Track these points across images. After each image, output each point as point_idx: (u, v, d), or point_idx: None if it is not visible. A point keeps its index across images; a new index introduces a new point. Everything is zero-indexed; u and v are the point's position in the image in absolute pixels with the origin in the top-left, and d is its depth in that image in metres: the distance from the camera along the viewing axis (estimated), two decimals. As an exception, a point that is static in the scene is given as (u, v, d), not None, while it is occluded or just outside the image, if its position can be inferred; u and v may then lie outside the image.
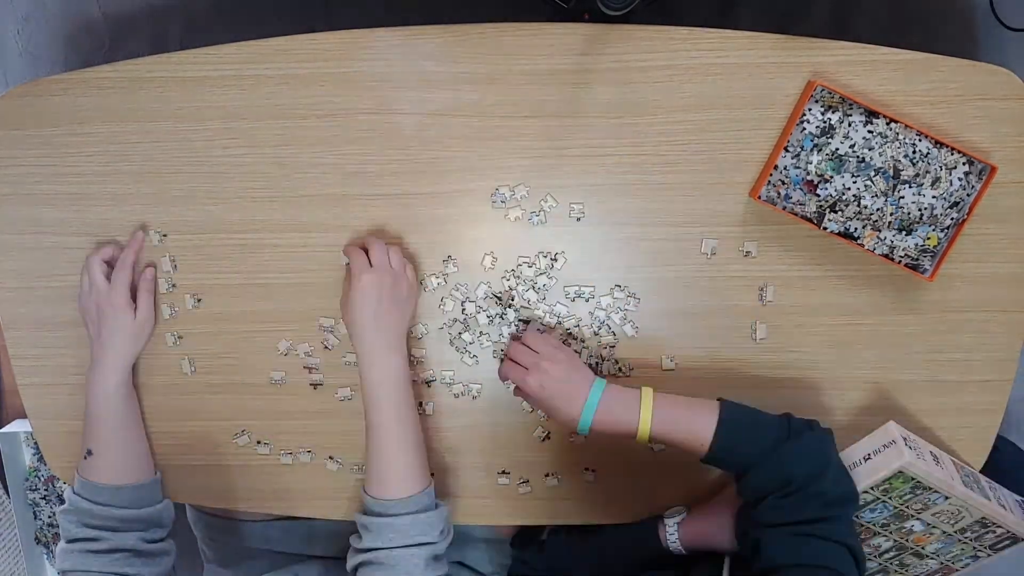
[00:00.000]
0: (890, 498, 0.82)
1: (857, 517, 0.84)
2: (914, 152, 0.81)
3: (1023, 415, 1.33)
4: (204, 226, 0.89)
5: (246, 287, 0.90)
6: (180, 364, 0.93)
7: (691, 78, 0.84)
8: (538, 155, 0.87)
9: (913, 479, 0.80)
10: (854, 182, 0.82)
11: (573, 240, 0.88)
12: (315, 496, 0.95)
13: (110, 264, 0.88)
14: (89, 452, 0.86)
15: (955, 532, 0.85)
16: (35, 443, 1.34)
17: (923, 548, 0.87)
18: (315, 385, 0.92)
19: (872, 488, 0.81)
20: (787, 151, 0.83)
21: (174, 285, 0.91)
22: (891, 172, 0.81)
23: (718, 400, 0.78)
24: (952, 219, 0.83)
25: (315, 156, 0.87)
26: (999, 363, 0.90)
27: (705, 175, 0.86)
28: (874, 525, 0.85)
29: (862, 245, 0.84)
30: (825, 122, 0.82)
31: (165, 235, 0.90)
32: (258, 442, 0.94)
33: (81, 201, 0.90)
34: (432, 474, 0.85)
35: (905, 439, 0.81)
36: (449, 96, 0.86)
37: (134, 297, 0.88)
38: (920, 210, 0.82)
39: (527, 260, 0.89)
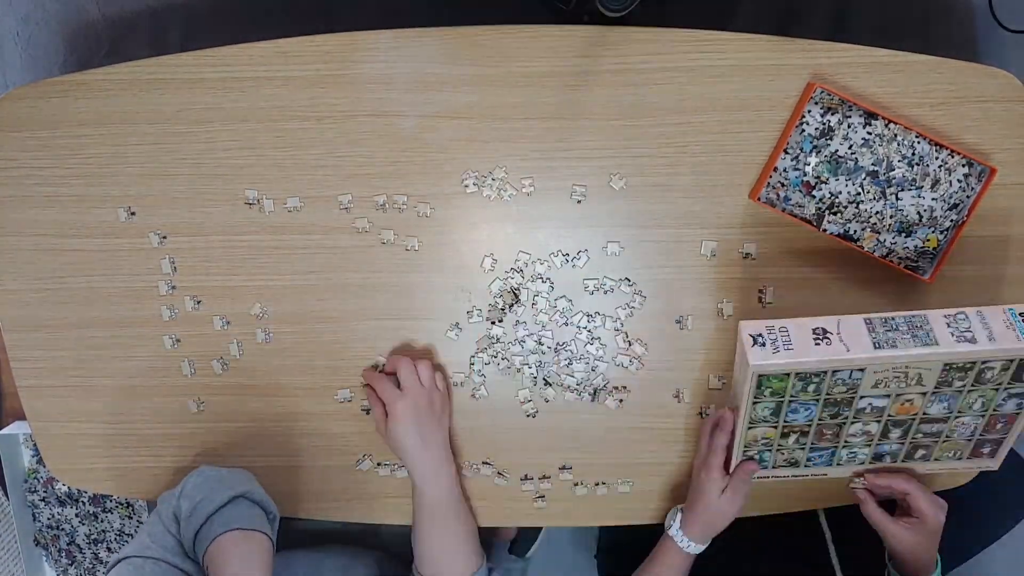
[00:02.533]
0: (796, 396, 0.73)
1: (789, 422, 0.77)
2: (913, 154, 0.81)
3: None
4: (204, 228, 0.89)
5: (246, 289, 0.90)
6: (180, 366, 0.92)
7: (691, 80, 0.84)
8: (538, 157, 0.87)
9: (789, 375, 0.71)
10: (847, 185, 0.82)
11: (573, 241, 0.88)
12: (329, 499, 0.95)
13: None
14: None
15: (937, 388, 0.73)
16: (34, 445, 1.34)
17: (923, 413, 0.76)
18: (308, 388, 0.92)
19: (759, 397, 0.74)
20: (786, 153, 0.83)
21: (174, 287, 0.91)
22: (883, 177, 0.82)
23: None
24: (951, 221, 0.83)
25: (315, 158, 0.87)
26: (999, 365, 0.90)
27: (705, 177, 0.87)
28: (823, 422, 0.77)
29: (861, 247, 0.84)
30: (824, 124, 0.82)
31: (165, 237, 0.90)
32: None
33: (81, 203, 0.90)
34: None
35: (757, 337, 0.71)
36: (449, 98, 0.86)
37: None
38: (919, 212, 0.83)
39: (527, 260, 0.89)
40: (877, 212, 0.83)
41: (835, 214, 0.83)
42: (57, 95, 0.87)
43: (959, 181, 0.82)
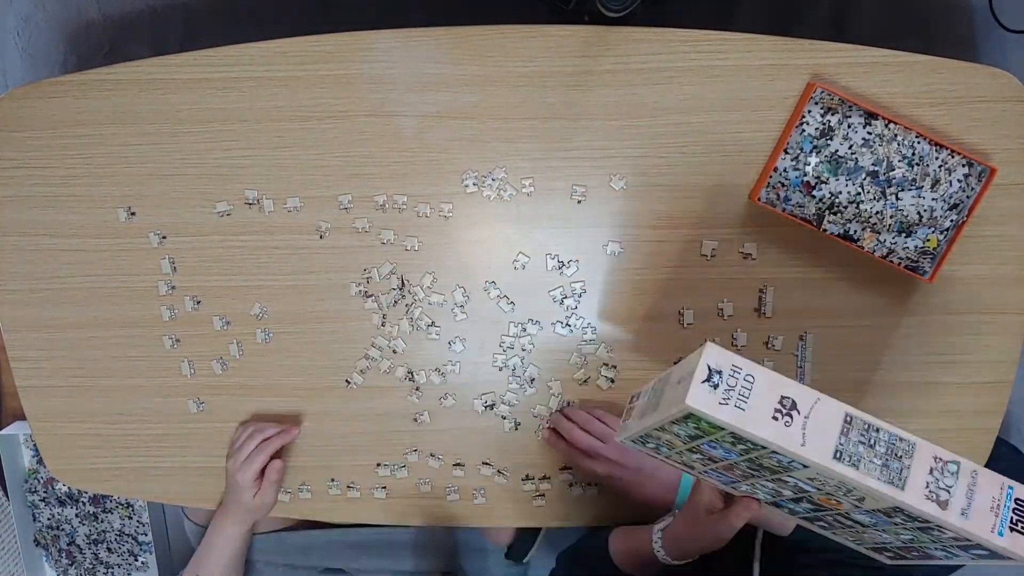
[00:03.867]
0: (719, 440, 0.58)
1: (699, 451, 0.62)
2: (913, 154, 0.81)
3: (1022, 417, 1.33)
4: (204, 228, 0.89)
5: (246, 289, 0.90)
6: (180, 366, 0.92)
7: (691, 80, 0.84)
8: (538, 157, 0.87)
9: (723, 429, 0.56)
10: (847, 185, 0.82)
11: (573, 241, 0.88)
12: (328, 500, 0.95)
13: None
14: None
15: (874, 511, 0.59)
16: (34, 445, 1.34)
17: (845, 514, 0.62)
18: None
19: (677, 422, 0.58)
20: (787, 153, 0.83)
21: (173, 287, 0.91)
22: (883, 177, 0.81)
23: None
24: (952, 221, 0.83)
25: (315, 158, 0.87)
26: (999, 365, 0.90)
27: (705, 177, 0.87)
28: (737, 465, 0.61)
29: (862, 247, 0.84)
30: (824, 124, 0.82)
31: (165, 237, 0.90)
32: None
33: (81, 203, 0.90)
34: None
35: (715, 373, 0.56)
36: (449, 98, 0.86)
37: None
38: (920, 212, 0.83)
39: (526, 261, 0.89)
40: (877, 212, 0.83)
41: (835, 214, 0.83)
42: (57, 95, 0.87)
43: (959, 181, 0.82)
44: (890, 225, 0.83)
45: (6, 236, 0.91)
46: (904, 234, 0.84)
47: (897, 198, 0.82)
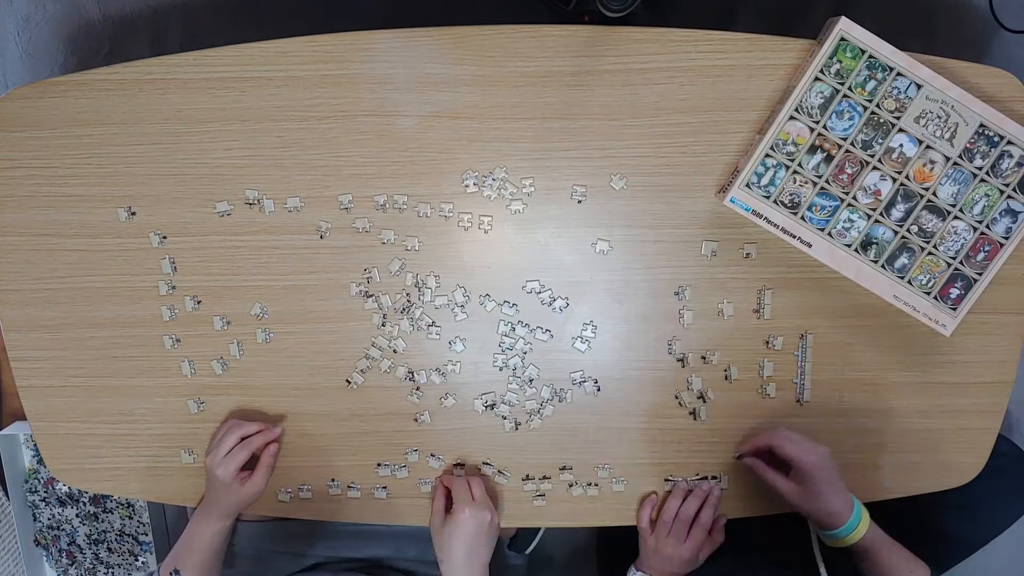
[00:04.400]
0: (852, 89, 0.78)
1: (827, 130, 0.80)
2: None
3: (1022, 417, 1.33)
4: (204, 228, 0.89)
5: (246, 289, 0.90)
6: (180, 366, 0.92)
7: (691, 80, 0.84)
8: (538, 157, 0.87)
9: (863, 52, 0.76)
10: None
11: (573, 241, 0.88)
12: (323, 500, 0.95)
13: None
14: (176, 572, 0.89)
15: (960, 157, 0.78)
16: (35, 445, 1.34)
17: (933, 191, 0.80)
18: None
19: (824, 71, 0.78)
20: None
21: (174, 287, 0.91)
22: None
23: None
24: (952, 220, 0.83)
25: (315, 158, 0.87)
26: (999, 365, 0.90)
27: (705, 177, 0.87)
28: (855, 147, 0.79)
29: (862, 247, 0.85)
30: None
31: (165, 237, 0.90)
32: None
33: (81, 203, 0.90)
34: None
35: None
36: (449, 98, 0.86)
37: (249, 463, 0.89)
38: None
39: (527, 260, 0.89)
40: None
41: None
42: (57, 95, 0.87)
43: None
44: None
45: (6, 236, 0.91)
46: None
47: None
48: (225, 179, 0.88)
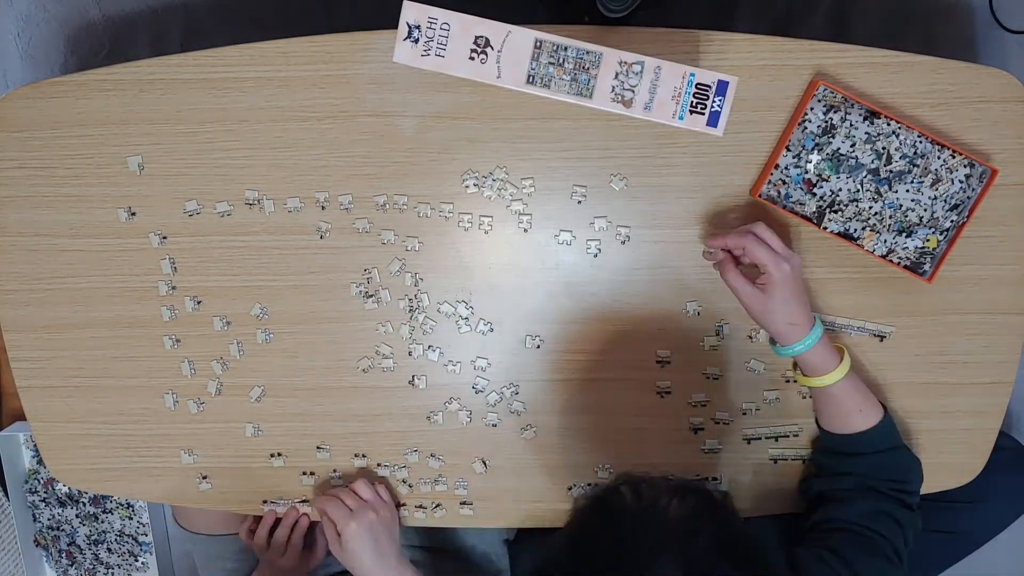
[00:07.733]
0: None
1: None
2: (915, 153, 0.81)
3: (1022, 417, 1.33)
4: (204, 228, 0.89)
5: (246, 289, 0.90)
6: (180, 366, 0.92)
7: (691, 80, 0.84)
8: (538, 157, 0.87)
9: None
10: (848, 183, 0.82)
11: (573, 241, 0.88)
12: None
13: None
14: None
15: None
16: (34, 446, 1.34)
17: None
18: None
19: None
20: (788, 150, 0.83)
21: (174, 287, 0.91)
22: (884, 176, 0.81)
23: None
24: (952, 222, 0.83)
25: (315, 158, 0.87)
26: (999, 365, 0.90)
27: (706, 177, 0.86)
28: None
29: (862, 246, 0.84)
30: (827, 121, 0.82)
31: (165, 237, 0.90)
32: (273, 454, 0.94)
33: (81, 203, 0.89)
34: None
35: (414, 29, 0.65)
36: (449, 98, 0.86)
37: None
38: (920, 213, 0.82)
39: (527, 260, 0.89)
40: (876, 213, 0.83)
41: (836, 212, 0.83)
42: (57, 95, 0.87)
43: (960, 182, 0.82)
44: (890, 225, 0.83)
45: (6, 236, 0.91)
46: (904, 234, 0.83)
47: (894, 190, 0.82)
48: (225, 179, 0.88)
